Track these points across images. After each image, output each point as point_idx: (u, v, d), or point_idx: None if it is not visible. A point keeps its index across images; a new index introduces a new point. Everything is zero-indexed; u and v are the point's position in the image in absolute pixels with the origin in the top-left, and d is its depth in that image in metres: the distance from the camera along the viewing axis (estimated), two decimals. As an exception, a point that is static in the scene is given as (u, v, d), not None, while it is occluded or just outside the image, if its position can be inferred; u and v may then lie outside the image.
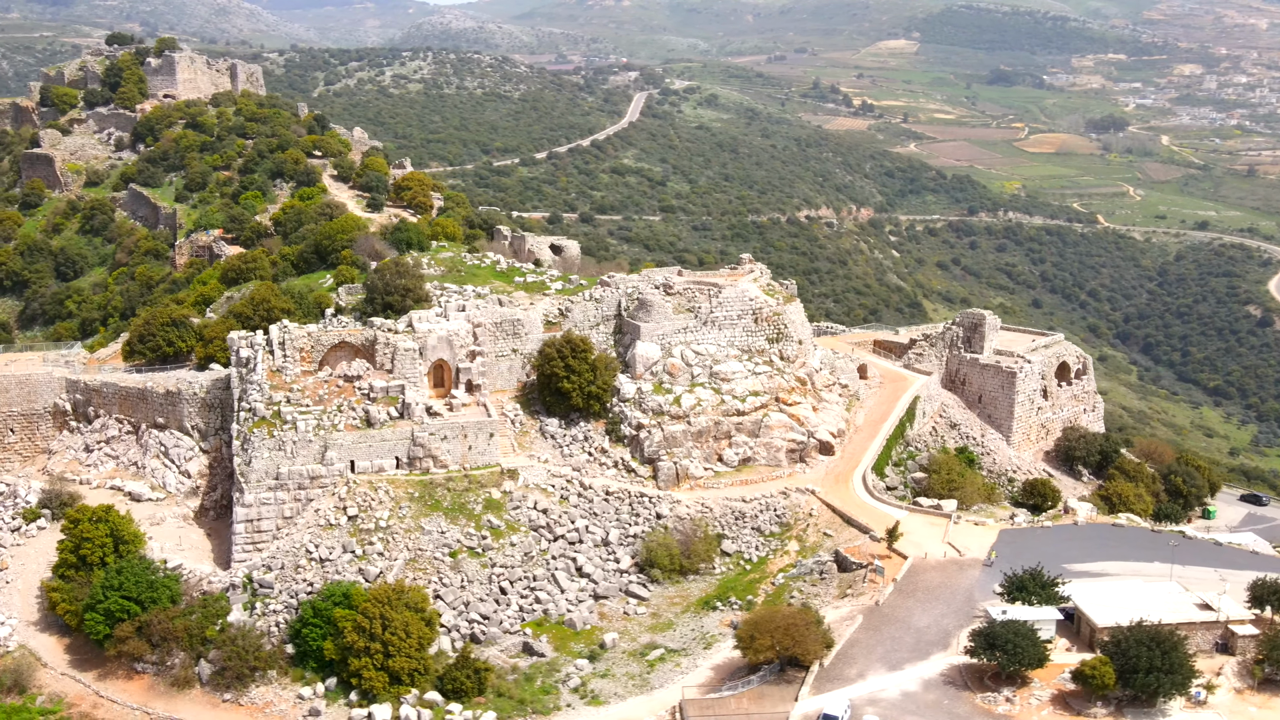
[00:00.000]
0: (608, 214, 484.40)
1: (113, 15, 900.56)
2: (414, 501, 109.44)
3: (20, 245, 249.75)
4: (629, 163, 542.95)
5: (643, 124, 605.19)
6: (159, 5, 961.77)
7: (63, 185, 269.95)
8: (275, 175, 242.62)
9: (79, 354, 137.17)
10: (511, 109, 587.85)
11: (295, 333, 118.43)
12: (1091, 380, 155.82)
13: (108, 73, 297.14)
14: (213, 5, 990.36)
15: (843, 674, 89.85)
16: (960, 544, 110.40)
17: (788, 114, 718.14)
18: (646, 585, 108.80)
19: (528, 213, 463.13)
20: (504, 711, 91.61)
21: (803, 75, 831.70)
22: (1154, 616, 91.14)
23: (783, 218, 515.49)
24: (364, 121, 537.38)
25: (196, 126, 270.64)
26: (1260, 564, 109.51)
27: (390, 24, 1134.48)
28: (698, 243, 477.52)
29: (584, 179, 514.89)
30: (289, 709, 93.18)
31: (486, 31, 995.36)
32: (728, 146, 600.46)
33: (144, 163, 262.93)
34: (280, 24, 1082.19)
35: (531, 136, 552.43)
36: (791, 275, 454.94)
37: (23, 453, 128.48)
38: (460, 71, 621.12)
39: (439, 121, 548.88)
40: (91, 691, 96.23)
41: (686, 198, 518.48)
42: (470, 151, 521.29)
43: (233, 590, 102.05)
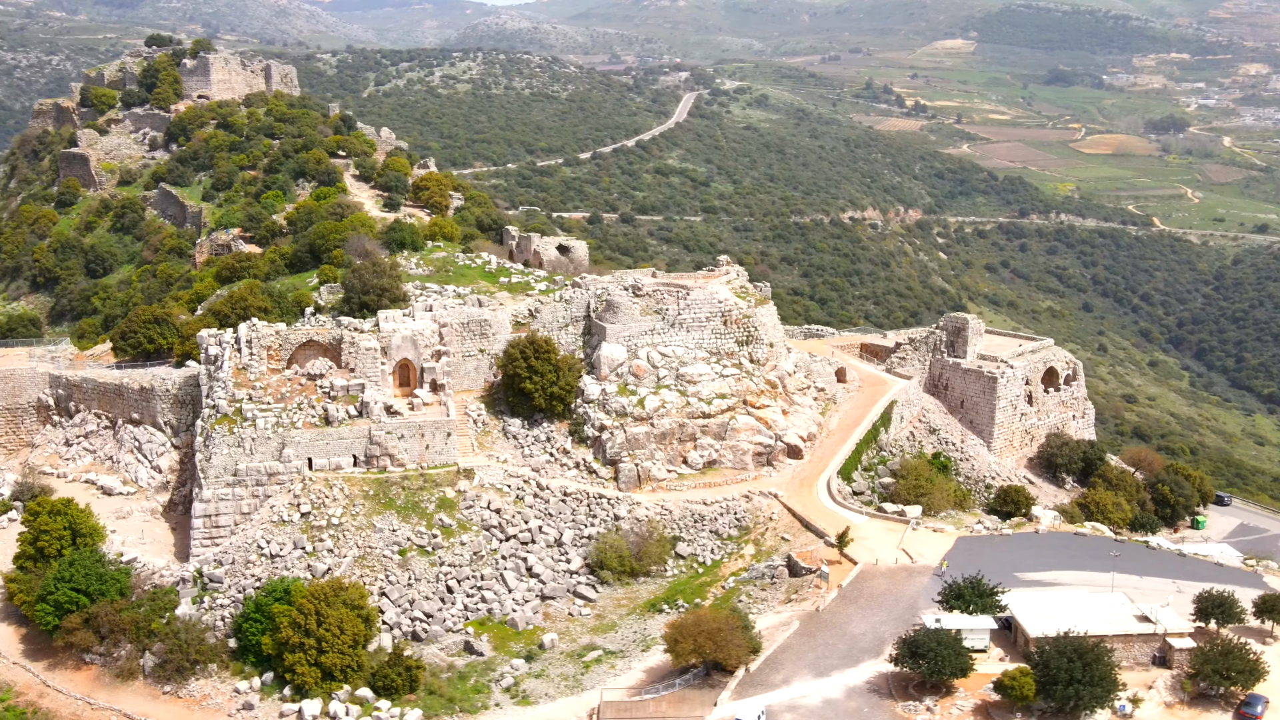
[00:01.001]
0: (649, 214, 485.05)
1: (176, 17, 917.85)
2: (368, 499, 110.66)
3: (54, 242, 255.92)
4: (673, 163, 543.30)
5: (689, 124, 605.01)
6: (221, 7, 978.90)
7: (97, 184, 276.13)
8: (298, 175, 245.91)
9: (66, 350, 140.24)
10: (558, 109, 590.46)
11: (263, 331, 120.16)
12: (1082, 387, 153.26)
13: (145, 74, 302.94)
14: (274, 7, 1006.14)
15: (768, 679, 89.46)
16: (915, 551, 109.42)
17: (838, 114, 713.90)
18: (595, 587, 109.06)
19: (568, 213, 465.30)
20: (432, 709, 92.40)
21: (856, 75, 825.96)
22: (1088, 627, 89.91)
23: (826, 219, 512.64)
24: (411, 121, 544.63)
25: (227, 126, 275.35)
26: (1222, 576, 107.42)
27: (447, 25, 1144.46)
28: (738, 243, 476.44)
29: (627, 179, 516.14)
30: (225, 702, 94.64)
31: (541, 32, 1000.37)
32: (774, 147, 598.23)
33: (175, 162, 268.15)
34: (339, 25, 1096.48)
35: (577, 137, 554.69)
36: (832, 276, 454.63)
37: (8, 445, 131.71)
38: (509, 72, 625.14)
39: (485, 121, 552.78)
40: (39, 681, 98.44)
41: (729, 198, 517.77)
42: (514, 151, 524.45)
43: (183, 584, 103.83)
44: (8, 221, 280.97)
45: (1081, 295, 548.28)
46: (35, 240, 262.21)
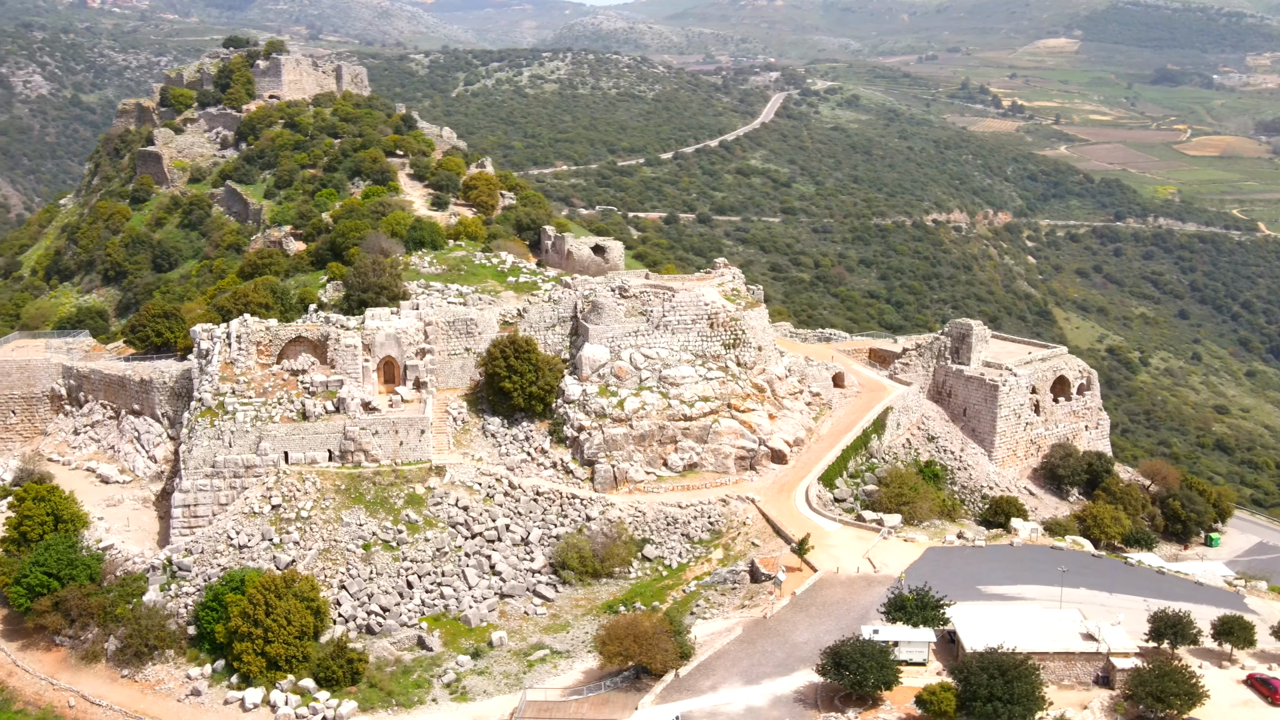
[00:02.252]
0: (726, 215, 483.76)
1: (282, 19, 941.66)
2: (339, 494, 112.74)
3: (125, 237, 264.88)
4: (755, 163, 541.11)
5: (775, 125, 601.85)
6: (326, 9, 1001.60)
7: (169, 181, 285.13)
8: (354, 174, 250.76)
9: (83, 342, 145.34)
10: (644, 109, 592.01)
11: (253, 327, 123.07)
12: (1096, 397, 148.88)
13: (220, 74, 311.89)
14: (376, 8, 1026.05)
15: (696, 685, 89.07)
16: (879, 560, 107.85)
17: (931, 115, 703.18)
18: (557, 587, 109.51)
19: (645, 213, 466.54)
20: (369, 702, 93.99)
21: (952, 75, 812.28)
22: (1029, 644, 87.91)
23: (908, 221, 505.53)
24: (496, 121, 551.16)
25: (293, 126, 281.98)
26: (1199, 596, 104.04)
27: (546, 25, 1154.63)
28: (816, 245, 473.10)
29: (707, 179, 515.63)
30: (176, 687, 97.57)
31: (636, 32, 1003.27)
32: (861, 148, 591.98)
33: (242, 160, 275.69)
34: (439, 26, 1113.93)
35: (660, 137, 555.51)
36: (911, 280, 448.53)
37: (23, 433, 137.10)
38: (596, 72, 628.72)
39: (569, 121, 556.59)
40: (11, 660, 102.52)
41: (810, 199, 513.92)
42: (596, 151, 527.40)
43: (152, 571, 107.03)
44: (86, 217, 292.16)
45: (1178, 302, 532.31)
46: (109, 235, 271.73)
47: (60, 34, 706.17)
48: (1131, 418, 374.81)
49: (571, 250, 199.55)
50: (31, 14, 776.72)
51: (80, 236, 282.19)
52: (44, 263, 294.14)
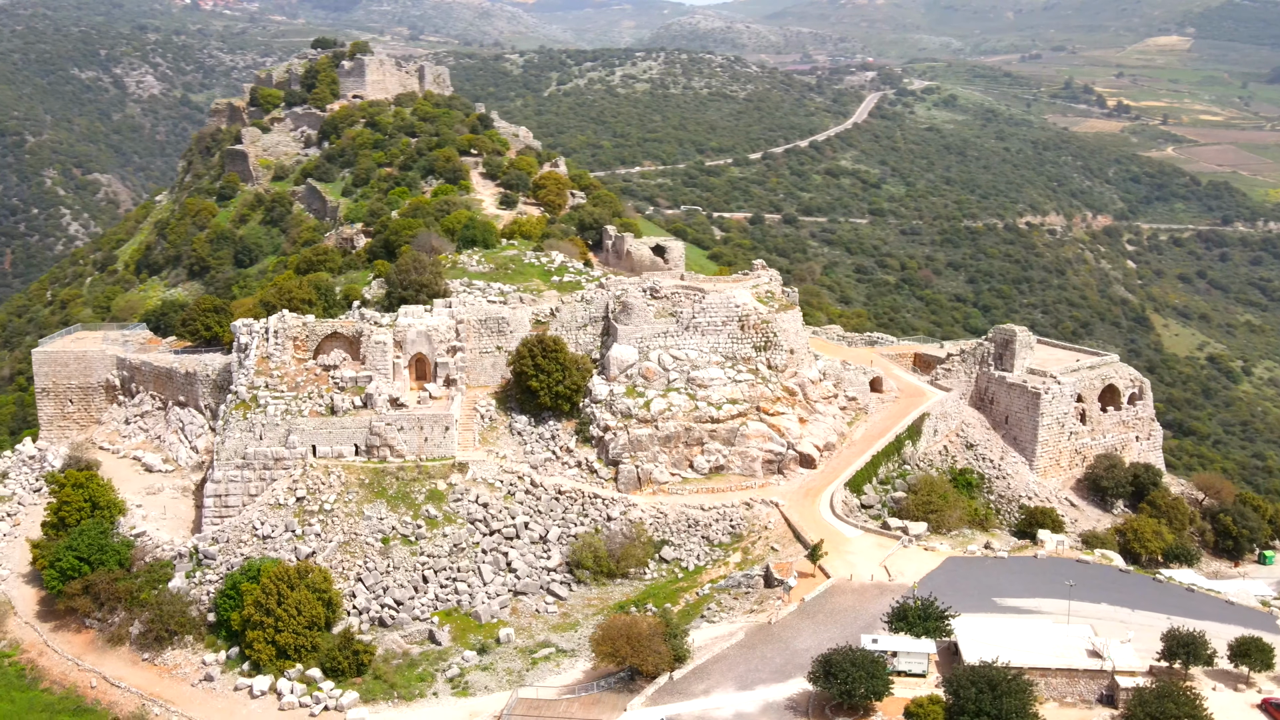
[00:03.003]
0: (813, 216, 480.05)
1: (385, 20, 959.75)
2: (363, 488, 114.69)
3: (211, 233, 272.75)
4: (845, 164, 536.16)
5: (868, 125, 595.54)
6: (428, 10, 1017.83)
7: (254, 179, 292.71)
8: (428, 172, 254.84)
9: (139, 334, 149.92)
10: (734, 109, 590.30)
11: (290, 322, 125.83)
12: (1148, 406, 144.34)
13: (306, 75, 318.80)
14: (476, 9, 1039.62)
15: (689, 689, 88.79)
16: (895, 569, 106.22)
17: (1032, 115, 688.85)
18: (571, 585, 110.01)
19: (730, 213, 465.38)
20: (372, 694, 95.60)
21: (1055, 75, 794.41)
22: (1031, 659, 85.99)
23: (1000, 223, 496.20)
24: (586, 120, 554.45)
25: (374, 125, 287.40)
26: (1228, 615, 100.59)
27: (644, 25, 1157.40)
28: (903, 247, 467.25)
29: (795, 180, 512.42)
30: (191, 672, 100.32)
31: (734, 31, 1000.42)
32: (955, 149, 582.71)
33: (323, 159, 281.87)
34: (539, 26, 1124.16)
35: (749, 137, 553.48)
36: (1000, 283, 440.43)
37: (80, 421, 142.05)
38: (689, 71, 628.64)
39: (659, 121, 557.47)
40: (41, 640, 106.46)
41: (899, 201, 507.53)
42: (685, 151, 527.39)
43: (179, 559, 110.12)
44: (175, 213, 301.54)
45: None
46: (196, 231, 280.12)
47: (172, 35, 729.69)
48: (1226, 429, 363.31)
49: (630, 250, 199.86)
50: (147, 16, 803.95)
51: (169, 232, 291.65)
52: (136, 257, 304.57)
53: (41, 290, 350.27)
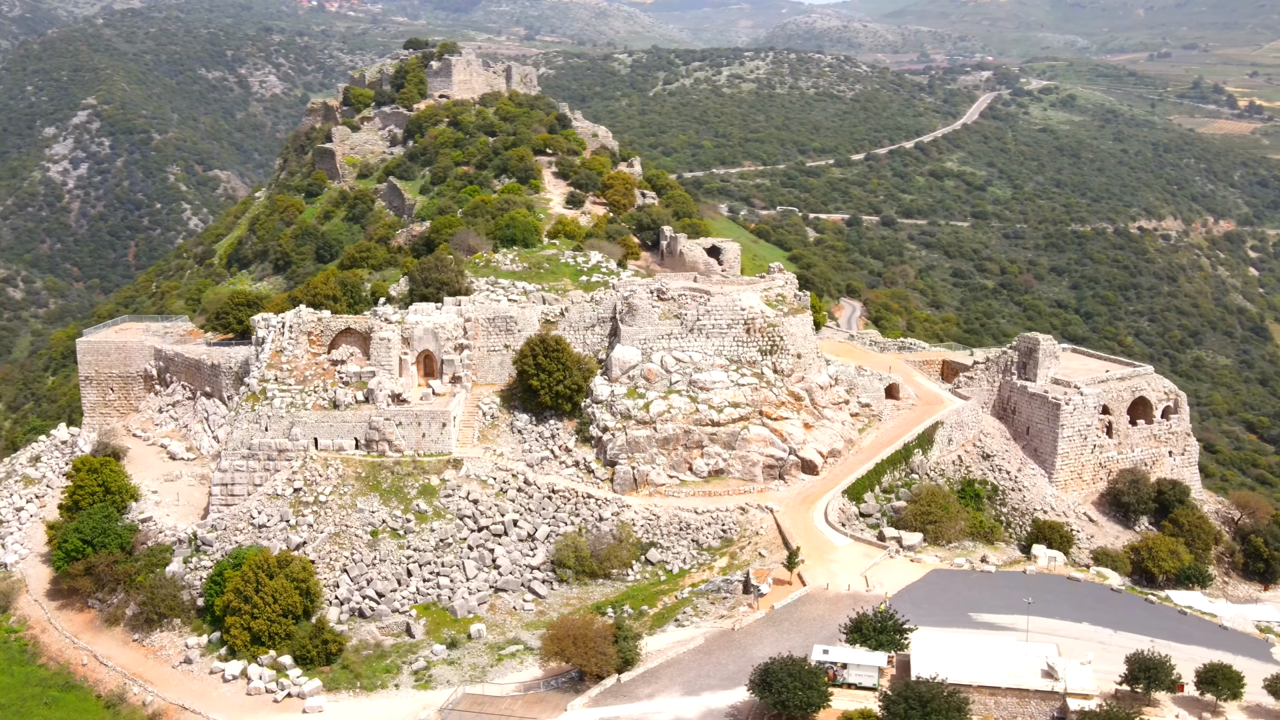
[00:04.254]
0: (913, 218, 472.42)
1: (504, 20, 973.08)
2: (359, 481, 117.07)
3: (296, 229, 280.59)
4: (951, 166, 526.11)
5: (978, 126, 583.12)
6: (546, 10, 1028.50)
7: (340, 177, 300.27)
8: (501, 171, 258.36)
9: (179, 326, 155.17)
10: (840, 109, 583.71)
11: (305, 317, 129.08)
12: (1184, 420, 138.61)
13: (396, 74, 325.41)
14: (594, 9, 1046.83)
15: (635, 692, 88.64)
16: (875, 579, 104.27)
17: (1155, 116, 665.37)
18: (553, 584, 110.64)
19: (826, 214, 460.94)
20: (336, 683, 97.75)
21: (1183, 74, 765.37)
22: (981, 676, 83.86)
23: (1110, 228, 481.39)
24: (689, 120, 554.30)
25: (456, 124, 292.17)
26: (1220, 640, 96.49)
27: (762, 24, 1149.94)
28: (1005, 251, 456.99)
29: (897, 181, 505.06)
30: (174, 654, 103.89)
31: (850, 31, 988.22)
32: (1069, 150, 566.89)
33: (405, 157, 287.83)
34: (655, 25, 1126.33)
35: (853, 138, 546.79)
36: (1105, 290, 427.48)
37: (120, 409, 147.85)
38: (796, 71, 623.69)
39: (762, 121, 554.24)
40: (45, 618, 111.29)
41: (1004, 204, 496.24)
42: (786, 151, 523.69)
43: (179, 545, 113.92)
44: (265, 208, 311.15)
45: None
46: (283, 226, 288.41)
47: (296, 36, 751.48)
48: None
49: (683, 251, 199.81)
50: (273, 18, 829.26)
51: (258, 227, 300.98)
52: (229, 251, 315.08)
53: (149, 282, 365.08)
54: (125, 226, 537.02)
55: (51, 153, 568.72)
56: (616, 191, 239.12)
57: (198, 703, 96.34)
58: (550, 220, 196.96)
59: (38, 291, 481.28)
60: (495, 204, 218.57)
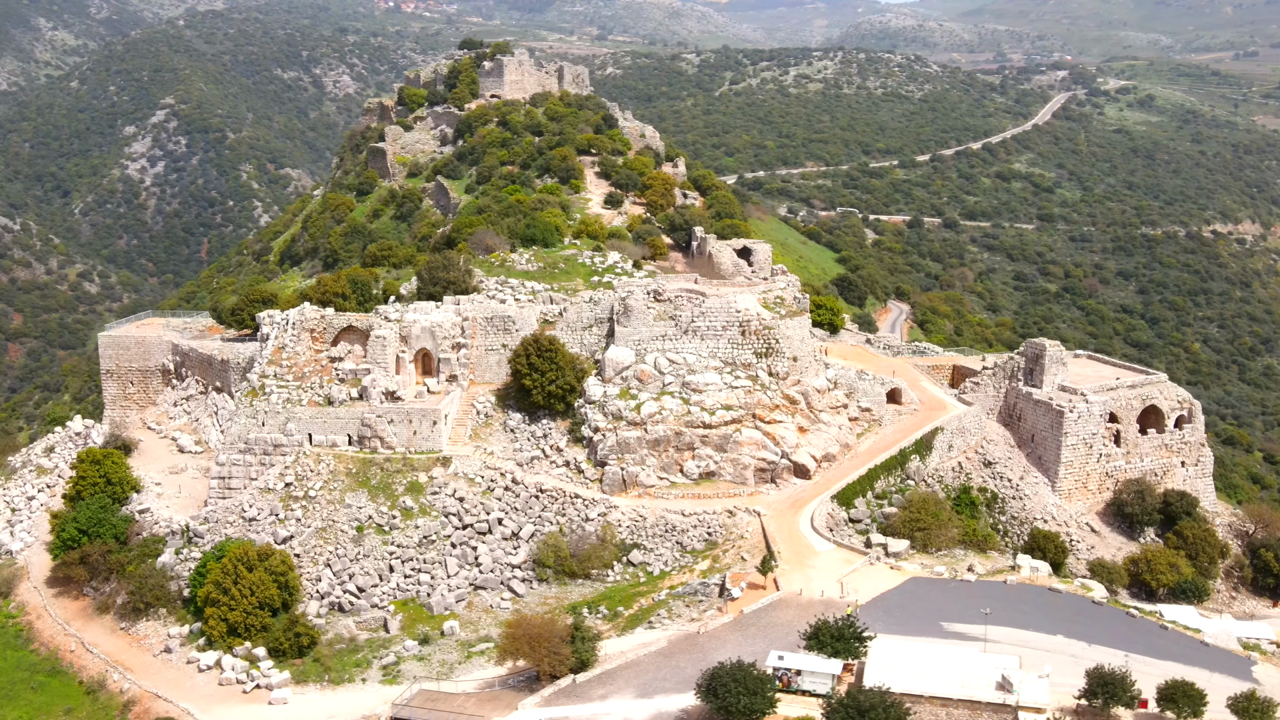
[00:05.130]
0: (976, 220, 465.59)
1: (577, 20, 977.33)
2: (349, 477, 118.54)
3: (346, 227, 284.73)
4: (1019, 167, 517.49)
5: (1049, 127, 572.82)
6: (620, 10, 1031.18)
7: (391, 176, 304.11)
8: (544, 171, 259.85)
9: (199, 322, 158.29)
10: (908, 110, 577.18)
11: (308, 314, 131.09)
12: (1198, 431, 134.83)
13: (449, 75, 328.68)
14: (667, 9, 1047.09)
15: (588, 693, 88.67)
16: (851, 586, 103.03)
17: (1238, 117, 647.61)
18: (533, 583, 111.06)
19: (887, 215, 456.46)
20: (305, 676, 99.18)
21: (1269, 73, 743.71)
22: (933, 687, 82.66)
23: (1182, 232, 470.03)
24: (753, 120, 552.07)
25: (504, 124, 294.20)
26: (1199, 657, 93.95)
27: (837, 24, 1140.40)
28: (1070, 254, 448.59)
29: (962, 183, 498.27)
30: (156, 643, 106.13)
31: (925, 30, 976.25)
32: (1144, 152, 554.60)
33: (453, 157, 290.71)
34: (729, 25, 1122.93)
35: (920, 139, 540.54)
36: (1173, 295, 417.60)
37: (139, 402, 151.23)
38: (864, 71, 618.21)
39: (827, 121, 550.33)
40: (42, 604, 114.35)
41: (1072, 206, 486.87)
42: (850, 152, 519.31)
43: (172, 536, 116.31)
44: (317, 206, 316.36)
45: None
46: (333, 224, 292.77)
47: (370, 37, 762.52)
48: None
49: (712, 253, 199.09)
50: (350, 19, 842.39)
51: (310, 225, 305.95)
52: (283, 248, 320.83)
53: (210, 278, 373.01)
54: (199, 223, 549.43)
55: (130, 151, 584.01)
56: (655, 192, 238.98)
57: (171, 691, 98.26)
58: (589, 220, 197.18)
59: (112, 286, 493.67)
60: (530, 203, 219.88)
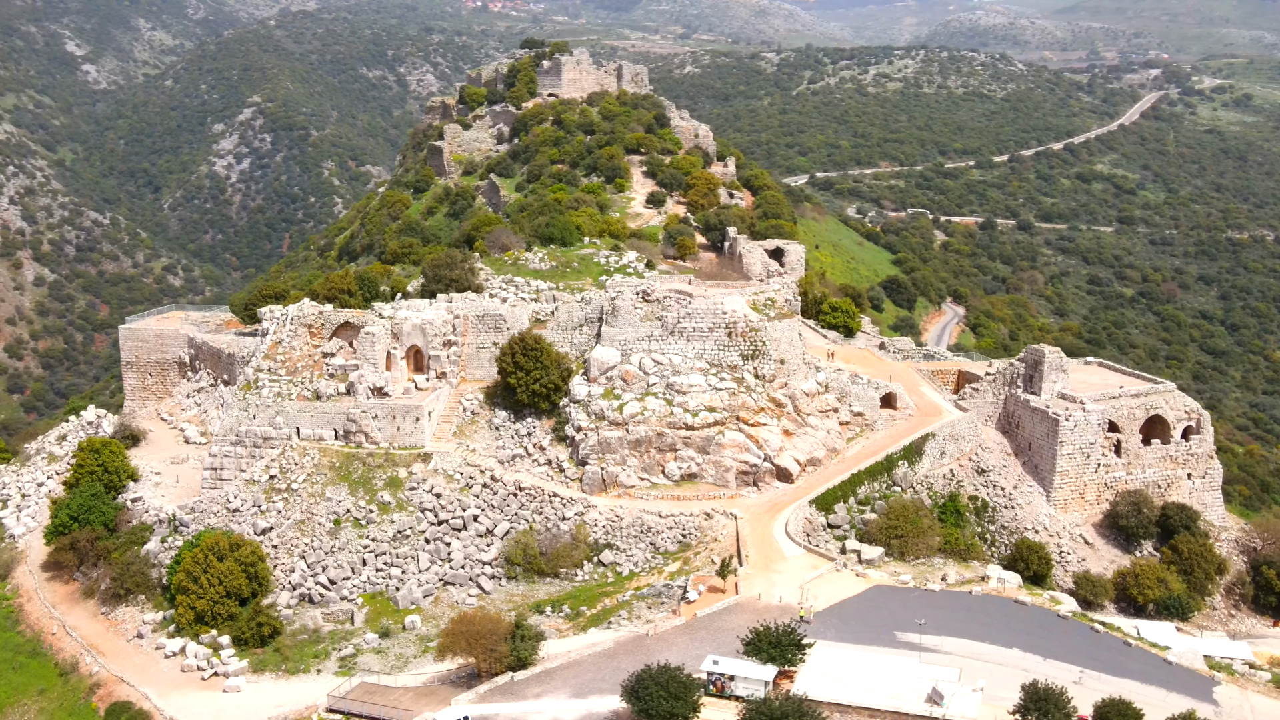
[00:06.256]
0: (1052, 222, 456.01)
1: (662, 19, 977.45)
2: (332, 470, 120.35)
3: (401, 225, 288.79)
4: (1101, 168, 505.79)
5: (1136, 127, 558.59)
6: (705, 9, 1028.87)
7: (447, 174, 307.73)
8: (591, 170, 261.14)
9: (216, 316, 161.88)
10: (988, 109, 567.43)
11: (306, 310, 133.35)
12: (1207, 442, 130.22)
13: (509, 74, 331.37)
14: (753, 7, 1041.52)
15: (523, 691, 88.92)
16: (812, 592, 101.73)
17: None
18: (501, 581, 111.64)
19: (960, 216, 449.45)
20: (264, 665, 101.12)
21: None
22: (861, 697, 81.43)
23: (1270, 235, 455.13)
24: (828, 119, 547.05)
25: (559, 123, 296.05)
26: (1158, 676, 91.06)
27: (926, 21, 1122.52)
28: (1149, 258, 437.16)
29: (1040, 184, 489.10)
30: (131, 629, 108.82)
31: (1016, 28, 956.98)
32: (1235, 153, 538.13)
33: (507, 155, 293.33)
34: (816, 24, 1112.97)
35: (999, 139, 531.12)
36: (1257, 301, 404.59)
37: (157, 394, 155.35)
38: (946, 70, 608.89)
39: (904, 121, 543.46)
40: (34, 588, 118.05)
41: (1154, 209, 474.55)
42: (926, 152, 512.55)
43: (159, 525, 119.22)
44: (376, 204, 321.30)
45: None
46: (389, 222, 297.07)
47: (455, 36, 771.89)
48: None
49: (742, 253, 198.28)
50: (437, 19, 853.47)
51: (367, 222, 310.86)
52: (343, 244, 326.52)
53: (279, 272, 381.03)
54: (281, 219, 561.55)
55: (218, 148, 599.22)
56: (698, 191, 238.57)
57: (135, 676, 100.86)
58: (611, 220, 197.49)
59: (195, 279, 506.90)
60: (566, 202, 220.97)
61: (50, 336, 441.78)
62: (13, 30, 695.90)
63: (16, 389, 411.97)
